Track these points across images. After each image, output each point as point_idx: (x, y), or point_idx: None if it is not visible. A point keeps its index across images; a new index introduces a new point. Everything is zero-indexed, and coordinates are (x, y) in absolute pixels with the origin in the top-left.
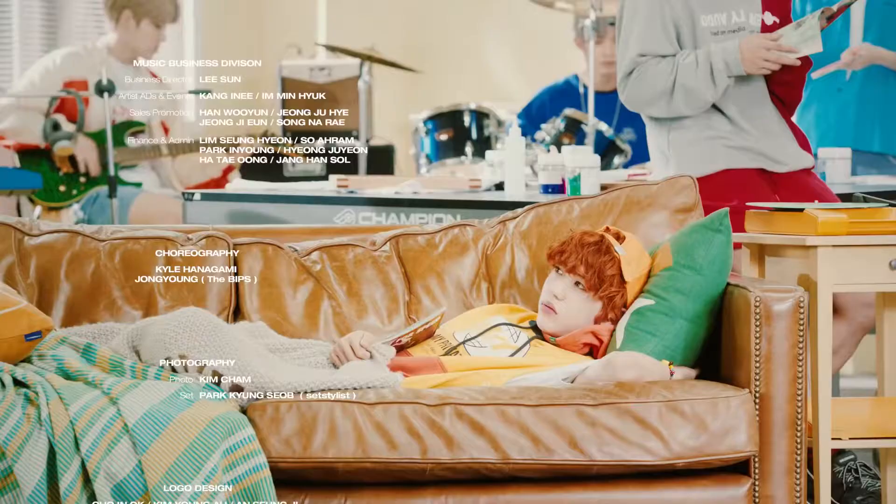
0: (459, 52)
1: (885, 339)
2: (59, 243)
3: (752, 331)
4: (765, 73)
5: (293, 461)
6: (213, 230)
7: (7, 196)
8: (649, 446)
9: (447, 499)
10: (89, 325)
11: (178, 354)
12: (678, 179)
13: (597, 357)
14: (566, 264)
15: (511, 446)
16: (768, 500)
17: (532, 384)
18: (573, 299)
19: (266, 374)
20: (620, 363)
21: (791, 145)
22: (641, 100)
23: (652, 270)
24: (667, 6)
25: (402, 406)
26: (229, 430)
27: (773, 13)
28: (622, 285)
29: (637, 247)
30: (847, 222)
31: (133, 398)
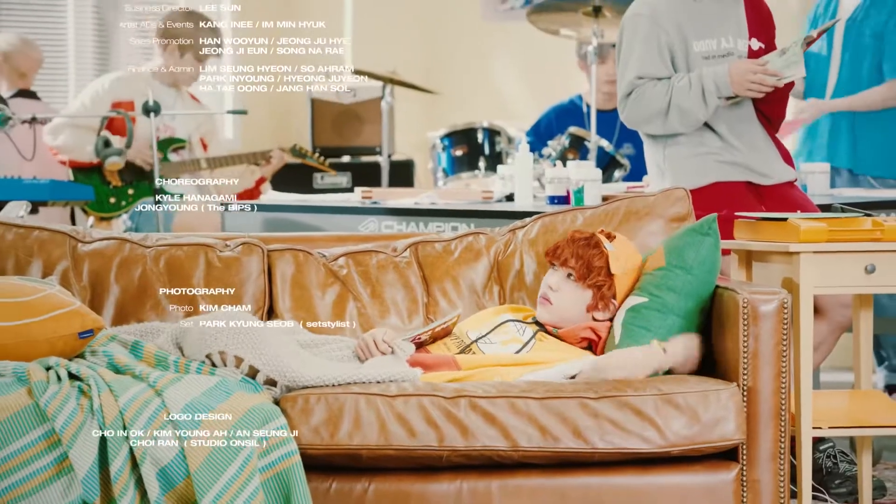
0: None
1: (861, 336)
2: (110, 250)
3: (740, 330)
4: (752, 96)
5: (321, 448)
6: (249, 237)
7: (63, 207)
8: (646, 435)
9: (462, 482)
10: (137, 324)
11: (217, 350)
12: (673, 191)
13: (596, 350)
14: (559, 258)
15: (520, 435)
16: (755, 484)
17: (538, 380)
18: (566, 290)
19: (297, 370)
20: (608, 366)
21: (776, 160)
22: (639, 119)
23: (646, 270)
24: (662, 33)
25: (421, 398)
26: (263, 420)
27: (759, 39)
28: (610, 276)
29: (626, 245)
30: (826, 230)
31: (176, 390)
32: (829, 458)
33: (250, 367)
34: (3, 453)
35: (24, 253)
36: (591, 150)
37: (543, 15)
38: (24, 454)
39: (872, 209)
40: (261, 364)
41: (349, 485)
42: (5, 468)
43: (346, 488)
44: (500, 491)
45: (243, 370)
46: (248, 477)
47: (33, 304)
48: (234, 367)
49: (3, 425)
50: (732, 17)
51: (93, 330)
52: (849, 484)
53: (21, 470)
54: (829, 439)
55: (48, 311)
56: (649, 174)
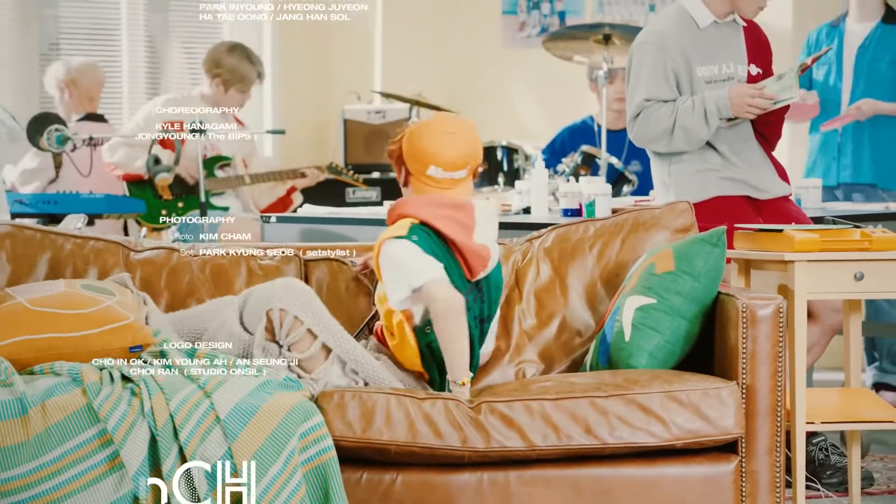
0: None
1: (851, 339)
2: (160, 258)
3: (739, 332)
4: (750, 118)
5: (353, 441)
6: (287, 247)
7: (116, 219)
8: (652, 430)
9: (482, 474)
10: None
11: (279, 308)
12: (677, 205)
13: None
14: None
15: (536, 435)
16: (753, 475)
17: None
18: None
19: (377, 368)
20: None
21: (772, 176)
22: (647, 138)
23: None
24: (668, 59)
25: (447, 401)
26: (304, 418)
27: (757, 65)
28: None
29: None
30: (819, 241)
31: (224, 393)
32: (822, 450)
33: (308, 331)
34: (59, 451)
35: (81, 261)
36: (601, 167)
37: (558, 42)
38: (78, 452)
39: (861, 221)
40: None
41: (379, 476)
42: (61, 465)
43: (375, 479)
44: (517, 481)
45: (298, 334)
46: (292, 472)
47: (91, 316)
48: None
49: (60, 425)
50: (733, 45)
51: (142, 345)
52: (839, 475)
53: (75, 466)
54: (821, 433)
55: (103, 324)
56: (655, 189)
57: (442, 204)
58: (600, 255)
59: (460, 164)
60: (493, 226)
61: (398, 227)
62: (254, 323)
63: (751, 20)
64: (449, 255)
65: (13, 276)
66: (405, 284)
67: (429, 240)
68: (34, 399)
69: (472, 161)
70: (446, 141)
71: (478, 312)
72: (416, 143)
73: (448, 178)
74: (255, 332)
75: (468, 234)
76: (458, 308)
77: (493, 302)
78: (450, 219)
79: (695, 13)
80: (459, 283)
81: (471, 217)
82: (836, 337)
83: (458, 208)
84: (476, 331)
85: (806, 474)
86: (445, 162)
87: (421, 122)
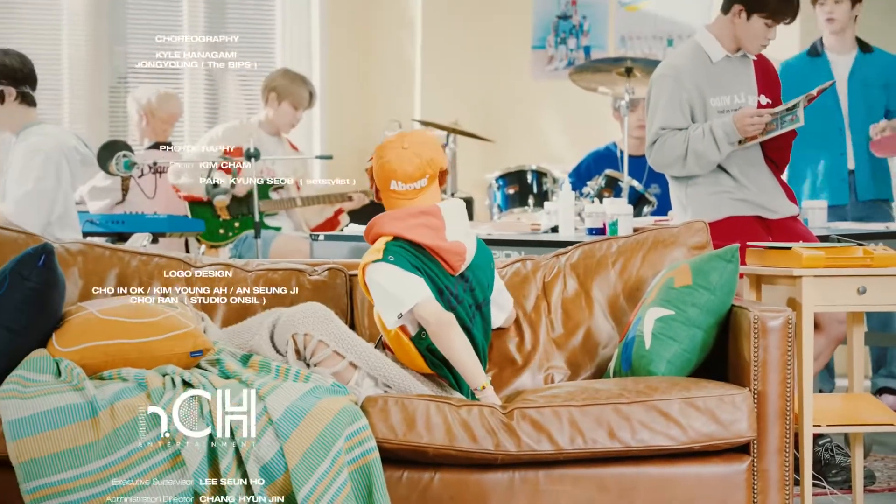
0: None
1: (854, 348)
2: (217, 273)
3: (751, 342)
4: (752, 134)
5: (395, 443)
6: (334, 263)
7: (178, 237)
8: (671, 434)
9: (514, 474)
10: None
11: (303, 333)
12: (693, 224)
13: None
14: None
15: (563, 439)
16: (764, 474)
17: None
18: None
19: (406, 378)
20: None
21: (781, 198)
22: (663, 162)
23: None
24: (683, 91)
25: (482, 408)
26: (350, 421)
27: (766, 96)
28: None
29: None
30: (825, 258)
31: (276, 397)
32: (827, 451)
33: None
34: (127, 449)
35: (146, 276)
36: (623, 190)
37: (583, 75)
38: (144, 450)
39: (864, 240)
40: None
41: (418, 475)
42: (127, 463)
43: (415, 477)
44: (546, 480)
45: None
46: (338, 471)
47: (157, 324)
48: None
49: (128, 426)
50: (744, 77)
51: (203, 350)
52: (844, 473)
53: (141, 463)
54: (826, 435)
55: (167, 331)
56: (673, 209)
57: (409, 215)
58: (622, 271)
59: (417, 175)
60: (462, 220)
61: (374, 251)
62: (283, 345)
63: (760, 54)
64: (427, 258)
65: (84, 290)
66: (394, 310)
67: (405, 253)
68: (103, 402)
69: (429, 170)
70: (401, 156)
71: (471, 300)
72: (378, 161)
73: (409, 189)
74: (287, 355)
75: (440, 235)
76: (450, 322)
77: (484, 286)
78: (419, 226)
79: (708, 48)
80: (445, 279)
81: (439, 219)
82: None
83: (426, 214)
84: (477, 319)
85: (813, 473)
86: (403, 175)
87: (383, 141)
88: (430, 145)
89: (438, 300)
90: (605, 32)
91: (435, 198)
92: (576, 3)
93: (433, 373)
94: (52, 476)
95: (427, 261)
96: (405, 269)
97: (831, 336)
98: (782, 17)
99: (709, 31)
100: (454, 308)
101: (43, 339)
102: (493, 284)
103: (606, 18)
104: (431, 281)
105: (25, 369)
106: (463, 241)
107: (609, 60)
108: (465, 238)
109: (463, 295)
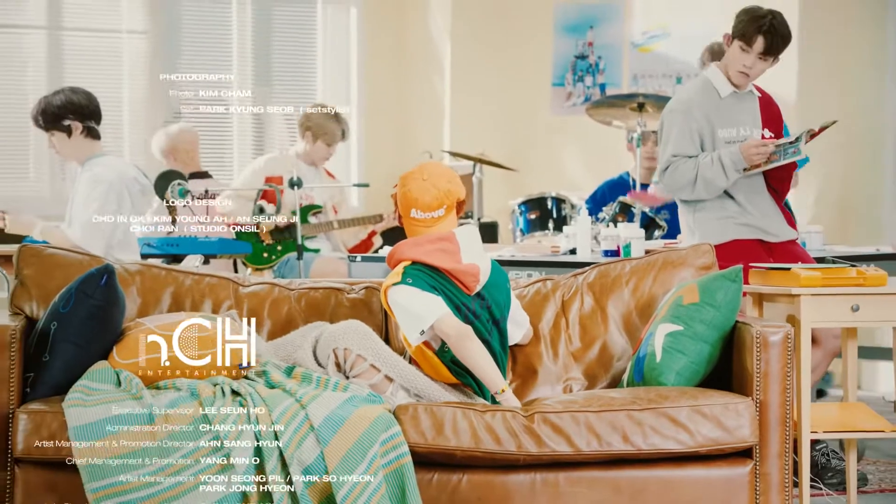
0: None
1: (848, 360)
2: (263, 292)
3: (753, 355)
4: (756, 163)
5: (425, 447)
6: (370, 282)
7: (227, 259)
8: (680, 438)
9: (535, 475)
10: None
11: (343, 347)
12: (700, 246)
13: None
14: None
15: (581, 442)
16: (766, 477)
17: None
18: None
19: (436, 389)
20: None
21: (781, 223)
22: (674, 187)
23: (681, 303)
24: (693, 122)
25: (505, 413)
26: (385, 427)
27: (769, 129)
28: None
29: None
30: (821, 278)
31: (317, 405)
32: (824, 455)
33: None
34: (182, 451)
35: (198, 295)
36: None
37: (599, 109)
38: (196, 453)
39: (857, 261)
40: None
41: (447, 476)
42: (184, 464)
43: (444, 479)
44: (565, 482)
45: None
46: (374, 473)
47: (208, 339)
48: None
49: (182, 431)
50: (749, 112)
51: (250, 362)
52: (839, 476)
53: (195, 465)
54: (823, 441)
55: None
56: (682, 233)
57: (427, 241)
58: (635, 289)
59: (435, 205)
60: (476, 244)
61: (394, 274)
62: (324, 358)
63: (765, 92)
64: (444, 279)
65: (142, 307)
66: (416, 327)
67: (422, 275)
68: (159, 410)
69: (446, 200)
70: (421, 187)
71: (488, 316)
72: (401, 189)
73: (428, 218)
74: (327, 367)
75: (455, 258)
76: (468, 333)
77: (500, 304)
78: (436, 251)
79: (717, 84)
80: (462, 297)
81: (454, 243)
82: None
83: (442, 240)
84: (495, 333)
85: (810, 476)
86: (422, 205)
87: (407, 172)
88: (448, 178)
89: (456, 315)
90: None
91: (451, 225)
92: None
93: (458, 382)
94: (112, 477)
95: (444, 281)
96: (423, 290)
97: (827, 350)
98: (751, 39)
99: (718, 67)
100: (471, 322)
101: (104, 352)
102: (510, 303)
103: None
104: (448, 299)
105: (89, 379)
106: (477, 263)
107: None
108: (479, 260)
109: (480, 311)
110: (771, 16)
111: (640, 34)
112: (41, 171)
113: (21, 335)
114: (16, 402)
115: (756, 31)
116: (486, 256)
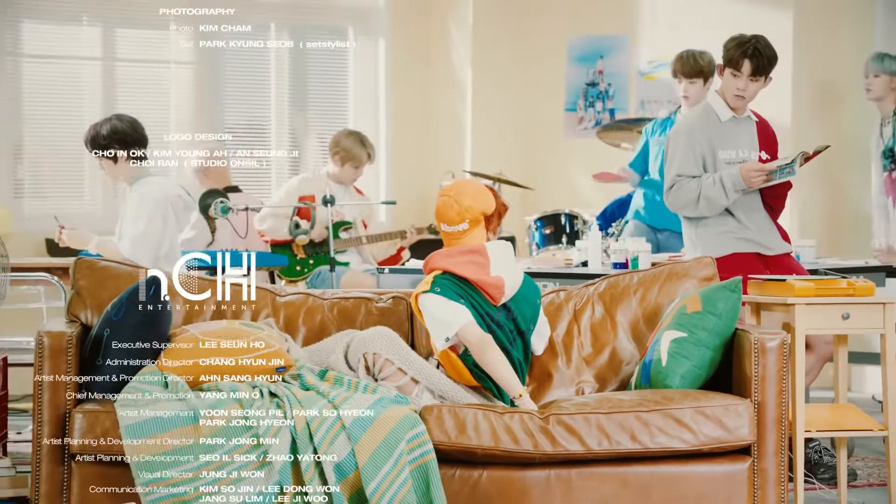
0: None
1: (839, 365)
2: (298, 301)
3: (752, 360)
4: (756, 186)
5: (448, 445)
6: (397, 292)
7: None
8: (684, 437)
9: (550, 471)
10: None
11: (372, 352)
12: (702, 259)
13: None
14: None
15: (592, 441)
16: (763, 473)
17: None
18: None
19: (459, 392)
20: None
21: (777, 238)
22: (678, 204)
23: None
24: (696, 145)
25: (522, 414)
26: (411, 426)
27: (766, 152)
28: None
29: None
30: (814, 288)
31: (348, 406)
32: (816, 452)
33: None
34: (224, 448)
35: (238, 304)
36: None
37: (609, 132)
38: (237, 450)
39: (847, 273)
40: (407, 367)
41: (468, 472)
42: (223, 461)
43: (465, 474)
44: (578, 477)
45: (390, 370)
46: (401, 469)
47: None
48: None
49: (224, 430)
50: (747, 135)
51: (286, 366)
52: (830, 472)
53: (234, 462)
54: (816, 439)
55: (256, 350)
56: (685, 247)
57: (459, 252)
58: (642, 299)
59: (457, 220)
60: (508, 259)
61: (424, 283)
62: (355, 362)
63: (761, 117)
64: (471, 289)
65: (187, 316)
66: (442, 334)
67: (450, 284)
68: (203, 410)
69: (468, 215)
70: (446, 203)
71: (513, 326)
72: (436, 204)
73: (454, 231)
74: (358, 371)
75: (484, 271)
76: (489, 341)
77: (527, 318)
78: (467, 262)
79: (717, 109)
80: (488, 307)
81: (485, 257)
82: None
83: (472, 252)
84: (518, 343)
85: (804, 471)
86: (446, 219)
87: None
88: (472, 194)
89: (480, 324)
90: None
91: (481, 238)
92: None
93: (479, 385)
94: (160, 472)
95: (471, 291)
96: (450, 298)
97: (820, 355)
98: (738, 63)
99: (718, 94)
100: (493, 331)
101: (153, 356)
102: (538, 317)
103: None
104: (474, 308)
105: (139, 382)
106: (504, 276)
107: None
108: (507, 274)
109: (504, 321)
110: (755, 39)
111: (646, 63)
112: (95, 190)
113: (77, 341)
114: (72, 402)
115: (742, 55)
116: (517, 270)
